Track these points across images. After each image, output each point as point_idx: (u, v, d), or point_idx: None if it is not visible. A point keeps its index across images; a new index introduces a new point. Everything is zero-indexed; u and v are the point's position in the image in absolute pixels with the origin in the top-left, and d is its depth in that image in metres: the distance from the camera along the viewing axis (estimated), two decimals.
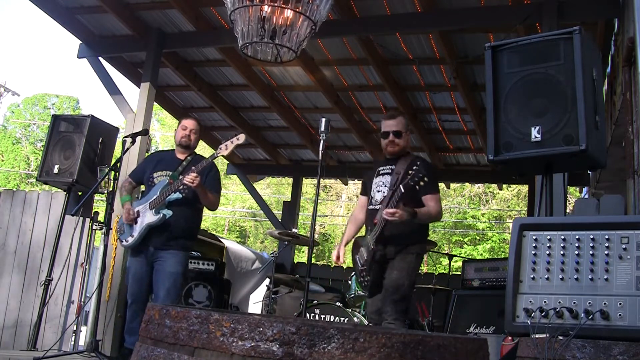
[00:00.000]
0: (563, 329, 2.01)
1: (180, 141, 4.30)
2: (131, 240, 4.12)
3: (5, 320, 5.44)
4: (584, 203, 4.56)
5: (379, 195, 3.71)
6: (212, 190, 4.17)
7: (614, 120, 4.83)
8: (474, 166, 8.78)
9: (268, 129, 8.71)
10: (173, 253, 4.09)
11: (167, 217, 4.05)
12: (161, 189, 4.09)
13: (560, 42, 2.73)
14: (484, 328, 5.23)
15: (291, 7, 3.91)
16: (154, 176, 4.25)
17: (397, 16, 5.56)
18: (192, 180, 3.90)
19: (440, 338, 1.45)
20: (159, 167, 4.29)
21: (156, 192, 4.11)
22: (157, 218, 4.05)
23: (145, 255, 4.12)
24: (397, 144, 3.75)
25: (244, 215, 28.21)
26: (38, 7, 6.07)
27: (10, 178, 29.55)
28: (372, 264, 3.65)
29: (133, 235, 4.12)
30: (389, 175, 3.71)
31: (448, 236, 24.74)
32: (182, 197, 4.12)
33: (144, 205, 4.14)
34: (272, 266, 5.90)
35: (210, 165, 4.18)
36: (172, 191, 4.05)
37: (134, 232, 4.12)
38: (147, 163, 4.44)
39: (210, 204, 4.21)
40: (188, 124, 4.32)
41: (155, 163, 4.35)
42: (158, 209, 4.06)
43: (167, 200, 4.07)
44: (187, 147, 4.31)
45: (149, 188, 4.25)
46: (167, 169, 4.23)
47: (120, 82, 7.13)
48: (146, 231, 4.08)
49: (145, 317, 1.63)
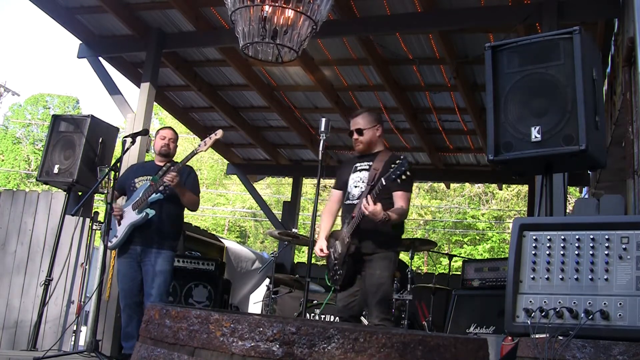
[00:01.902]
0: (563, 329, 2.01)
1: (160, 150, 4.47)
2: (115, 240, 4.25)
3: (5, 320, 5.44)
4: (584, 203, 4.56)
5: (356, 191, 3.70)
6: (191, 191, 4.32)
7: (614, 120, 4.83)
8: (474, 166, 8.78)
9: (268, 129, 8.71)
10: (159, 252, 4.22)
11: (150, 216, 4.18)
12: (143, 190, 4.24)
13: (560, 42, 2.73)
14: (484, 328, 5.23)
15: (292, 7, 3.91)
16: (135, 181, 4.42)
17: (397, 16, 5.56)
18: (171, 179, 4.05)
19: (440, 338, 1.45)
20: (140, 173, 4.48)
21: (138, 194, 4.26)
22: (140, 217, 4.18)
23: (132, 256, 4.25)
24: (361, 141, 3.79)
25: (244, 215, 28.20)
26: (38, 7, 6.06)
27: (10, 178, 29.54)
28: (347, 257, 3.59)
29: (117, 236, 4.25)
30: (366, 171, 3.71)
31: (448, 236, 24.73)
32: (163, 197, 4.25)
33: (127, 207, 4.28)
34: (272, 266, 5.90)
35: (189, 169, 4.38)
36: (153, 191, 4.19)
37: (118, 232, 4.25)
38: (128, 173, 4.60)
39: (190, 203, 4.34)
40: (166, 134, 4.51)
41: (136, 171, 4.54)
42: (141, 209, 4.20)
43: (149, 201, 4.20)
44: (166, 155, 4.47)
45: (131, 193, 4.39)
46: (147, 174, 4.40)
47: (120, 82, 7.13)
48: (130, 230, 4.21)
49: (145, 317, 1.63)
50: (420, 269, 20.12)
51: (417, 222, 25.66)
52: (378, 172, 3.57)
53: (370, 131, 3.79)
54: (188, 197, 4.28)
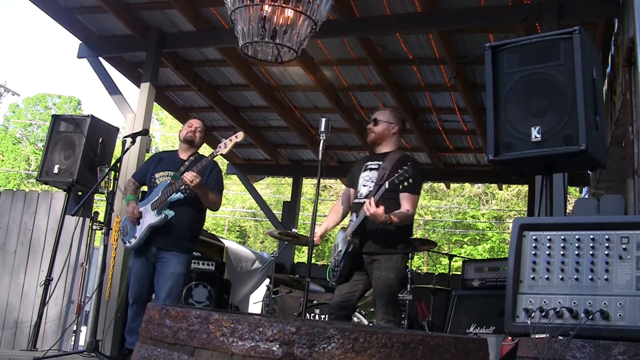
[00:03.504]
0: (563, 329, 2.01)
1: (185, 136, 4.29)
2: (134, 241, 4.11)
3: (5, 320, 5.44)
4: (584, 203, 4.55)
5: (364, 190, 3.71)
6: (213, 190, 4.15)
7: (614, 120, 4.83)
8: (474, 166, 8.78)
9: (268, 129, 8.71)
10: (175, 254, 4.07)
11: (169, 217, 4.03)
12: (163, 189, 4.08)
13: (560, 42, 2.73)
14: (484, 328, 5.23)
15: (292, 6, 3.91)
16: (156, 177, 4.24)
17: (397, 16, 5.56)
18: (191, 179, 3.87)
19: (440, 338, 1.45)
20: (161, 167, 4.28)
21: (158, 193, 4.09)
22: (159, 219, 4.03)
23: (148, 256, 4.11)
24: (372, 130, 3.83)
25: (244, 215, 28.21)
26: (38, 7, 6.06)
27: (11, 178, 29.54)
28: (345, 254, 3.62)
29: (136, 237, 4.11)
30: (376, 170, 3.71)
31: (448, 236, 24.74)
32: (184, 197, 4.09)
33: (146, 206, 4.13)
34: (272, 266, 5.90)
35: (212, 164, 4.17)
36: (173, 191, 4.03)
37: (137, 233, 4.11)
38: (149, 164, 4.42)
39: (212, 204, 4.18)
40: (194, 122, 4.36)
41: (157, 163, 4.33)
42: (160, 209, 4.05)
43: (168, 201, 4.04)
44: (191, 142, 4.29)
45: (151, 189, 4.24)
46: (168, 169, 4.22)
47: (120, 82, 7.13)
48: (148, 232, 4.06)
49: (145, 317, 1.63)
50: (420, 269, 20.12)
51: (417, 222, 25.65)
52: (386, 173, 3.58)
53: (385, 125, 3.82)
54: (210, 198, 4.10)
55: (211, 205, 4.19)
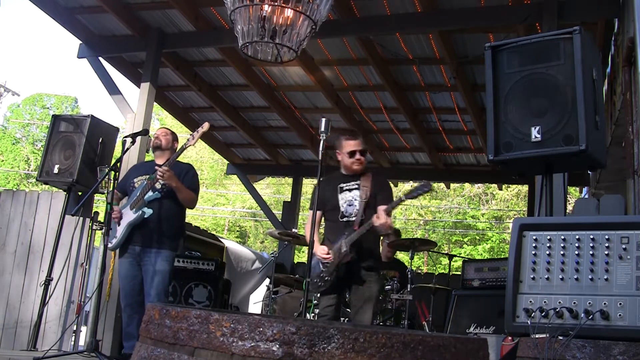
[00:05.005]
0: (563, 329, 2.01)
1: (152, 146, 4.49)
2: (115, 241, 4.26)
3: (5, 320, 5.44)
4: (584, 203, 4.55)
5: (351, 209, 3.89)
6: (189, 188, 4.30)
7: (614, 120, 4.83)
8: (474, 166, 8.78)
9: (268, 129, 8.71)
10: (159, 252, 4.21)
11: (147, 215, 4.17)
12: (140, 189, 4.25)
13: (560, 42, 2.73)
14: (484, 328, 5.22)
15: (291, 6, 3.91)
16: (134, 181, 4.42)
17: (397, 16, 5.56)
18: (162, 173, 4.04)
19: (440, 338, 1.45)
20: (138, 173, 4.47)
21: (136, 194, 4.27)
22: (136, 216, 4.18)
23: (132, 256, 4.25)
24: (362, 162, 3.98)
25: (244, 215, 28.20)
26: (38, 7, 6.06)
27: (10, 178, 29.55)
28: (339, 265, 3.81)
29: (116, 237, 4.25)
30: (357, 190, 3.91)
31: (448, 236, 24.74)
32: (160, 196, 4.24)
33: (126, 207, 4.29)
34: (272, 266, 5.90)
35: (187, 167, 4.38)
36: (149, 189, 4.19)
37: (117, 233, 4.25)
38: (128, 173, 4.60)
39: (187, 200, 4.31)
40: (158, 131, 4.54)
41: (136, 171, 4.55)
42: (137, 208, 4.20)
43: (145, 200, 4.20)
44: (159, 147, 4.44)
45: (130, 193, 4.40)
46: (146, 173, 4.39)
47: (120, 82, 7.13)
48: (128, 230, 4.21)
49: (145, 317, 1.63)
50: (420, 269, 20.12)
51: (417, 222, 25.67)
52: (369, 189, 3.85)
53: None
54: (184, 194, 4.25)
55: (187, 201, 4.32)
